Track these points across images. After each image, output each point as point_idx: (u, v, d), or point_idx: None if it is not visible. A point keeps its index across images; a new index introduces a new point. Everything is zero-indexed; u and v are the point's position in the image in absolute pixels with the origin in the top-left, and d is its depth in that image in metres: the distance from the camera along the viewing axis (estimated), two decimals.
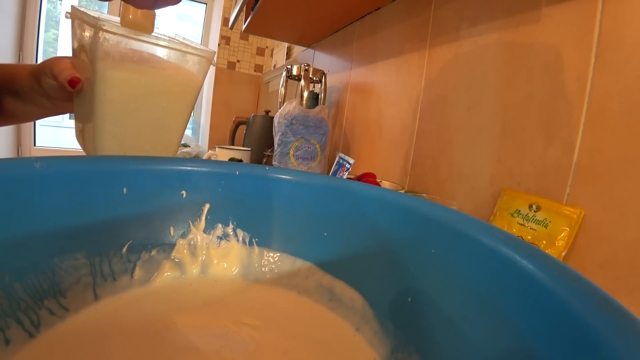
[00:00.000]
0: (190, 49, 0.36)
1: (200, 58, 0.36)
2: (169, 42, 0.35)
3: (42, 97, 0.39)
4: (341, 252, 0.28)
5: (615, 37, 0.36)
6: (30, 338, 0.19)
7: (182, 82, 0.37)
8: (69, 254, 0.23)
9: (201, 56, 0.36)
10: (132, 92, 0.34)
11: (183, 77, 0.37)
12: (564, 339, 0.12)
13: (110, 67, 0.32)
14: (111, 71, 0.32)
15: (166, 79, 0.36)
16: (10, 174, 0.20)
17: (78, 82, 0.33)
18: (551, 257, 0.16)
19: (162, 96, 0.36)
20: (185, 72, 0.37)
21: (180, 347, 0.21)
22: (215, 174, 0.30)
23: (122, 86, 0.33)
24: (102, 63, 0.32)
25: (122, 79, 0.33)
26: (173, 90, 0.37)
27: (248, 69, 2.04)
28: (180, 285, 0.28)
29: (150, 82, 0.35)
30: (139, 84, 0.34)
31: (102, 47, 0.31)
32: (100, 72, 0.32)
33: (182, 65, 0.36)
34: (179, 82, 0.37)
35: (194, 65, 0.37)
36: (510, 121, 0.47)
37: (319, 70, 0.91)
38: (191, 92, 0.38)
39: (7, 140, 1.76)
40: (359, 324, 0.25)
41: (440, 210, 0.23)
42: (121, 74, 0.33)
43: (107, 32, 0.30)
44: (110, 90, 0.33)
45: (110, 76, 0.32)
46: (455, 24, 0.58)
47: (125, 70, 0.33)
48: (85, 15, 0.31)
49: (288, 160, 0.78)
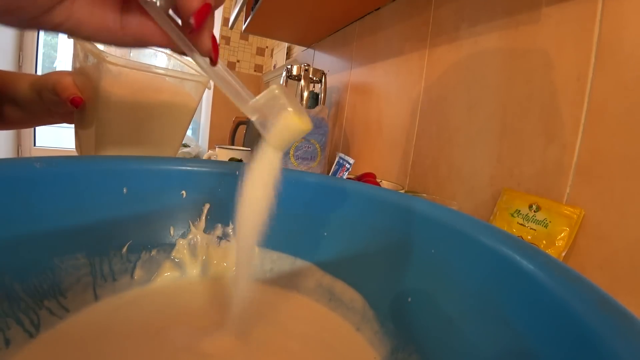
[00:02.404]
0: (187, 75, 0.37)
1: (196, 83, 0.38)
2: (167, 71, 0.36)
3: (41, 108, 0.40)
4: (341, 252, 0.28)
5: (615, 37, 0.36)
6: (30, 338, 0.19)
7: (178, 105, 0.39)
8: (69, 254, 0.23)
9: (197, 82, 0.38)
10: (132, 115, 0.36)
11: (179, 100, 0.38)
12: (564, 338, 0.12)
13: (112, 93, 0.33)
14: (113, 97, 0.34)
15: (164, 103, 0.37)
16: (10, 174, 0.20)
17: (80, 102, 0.34)
18: (551, 257, 0.16)
19: (159, 119, 0.38)
20: (182, 96, 0.38)
21: (180, 347, 0.21)
22: (215, 174, 0.30)
23: (122, 110, 0.35)
24: (104, 89, 0.33)
25: (123, 103, 0.34)
26: (170, 113, 0.38)
27: (248, 69, 2.04)
28: (180, 285, 0.28)
29: (149, 106, 0.36)
30: (139, 108, 0.36)
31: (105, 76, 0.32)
32: (102, 96, 0.33)
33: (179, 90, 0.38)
34: (176, 105, 0.38)
35: (190, 90, 0.38)
36: (510, 121, 0.47)
37: (319, 70, 0.91)
38: (187, 114, 0.40)
39: (7, 140, 1.76)
40: (359, 324, 0.25)
41: (440, 210, 0.23)
42: (122, 99, 0.34)
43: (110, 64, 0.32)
44: (111, 113, 0.34)
45: (112, 101, 0.34)
46: (455, 24, 0.58)
47: (126, 96, 0.34)
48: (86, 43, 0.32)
49: (288, 160, 0.78)
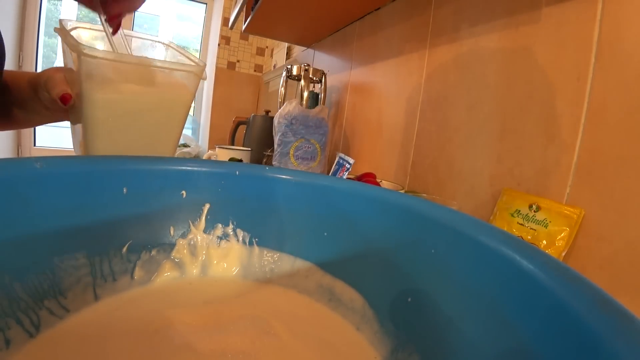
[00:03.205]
0: (177, 65, 0.36)
1: (188, 74, 0.37)
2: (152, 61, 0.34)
3: (40, 106, 0.40)
4: (341, 252, 0.28)
5: (615, 37, 0.36)
6: (30, 338, 0.19)
7: (170, 98, 0.37)
8: (69, 254, 0.23)
9: (190, 72, 0.36)
10: (119, 111, 0.34)
11: (171, 93, 0.37)
12: (564, 338, 0.12)
13: (95, 89, 0.32)
14: (96, 93, 0.32)
15: (153, 97, 0.36)
16: (10, 174, 0.20)
17: (69, 99, 0.34)
18: (551, 257, 0.16)
19: (151, 113, 0.36)
20: (174, 88, 0.37)
21: (179, 346, 0.21)
22: (215, 174, 0.30)
23: (108, 107, 0.34)
24: (86, 85, 0.32)
25: (107, 99, 0.33)
26: (162, 107, 0.37)
27: (248, 69, 2.04)
28: (180, 285, 0.28)
29: (137, 101, 0.35)
30: (126, 103, 0.35)
31: (85, 70, 0.31)
32: (86, 94, 0.32)
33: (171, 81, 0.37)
34: (167, 98, 0.37)
35: (182, 80, 0.37)
36: (510, 121, 0.47)
37: (319, 70, 0.91)
38: (181, 106, 0.38)
39: (7, 140, 1.76)
40: (359, 324, 0.25)
41: (440, 210, 0.23)
42: (106, 96, 0.33)
43: (88, 56, 0.30)
44: (97, 111, 0.33)
45: (95, 98, 0.32)
46: (455, 24, 0.58)
47: (110, 92, 0.33)
48: (68, 36, 0.31)
49: (288, 160, 0.78)
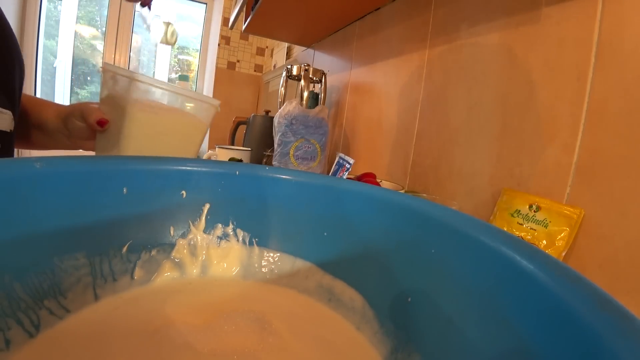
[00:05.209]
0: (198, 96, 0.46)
1: (208, 105, 0.46)
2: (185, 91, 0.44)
3: (63, 136, 0.48)
4: (341, 252, 0.28)
5: (615, 37, 0.36)
6: (30, 338, 0.19)
7: (190, 124, 0.46)
8: (69, 254, 0.23)
9: (209, 104, 0.46)
10: (151, 130, 0.44)
11: (192, 120, 0.46)
12: (564, 338, 0.12)
13: (139, 109, 0.42)
14: (139, 113, 0.42)
15: (178, 121, 0.45)
16: (10, 174, 0.20)
17: (106, 123, 0.42)
18: (551, 257, 0.16)
19: (173, 135, 0.45)
20: (194, 117, 0.46)
21: (179, 346, 0.21)
22: (215, 174, 0.30)
23: (144, 125, 0.43)
24: (132, 105, 0.41)
25: (146, 118, 0.43)
26: (183, 131, 0.46)
27: (248, 69, 2.04)
28: (180, 285, 0.28)
29: (165, 123, 0.44)
30: (158, 124, 0.44)
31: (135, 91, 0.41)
32: (130, 112, 0.42)
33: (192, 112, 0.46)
34: (188, 124, 0.46)
35: (201, 112, 0.46)
36: (510, 121, 0.47)
37: (319, 70, 0.91)
38: (198, 133, 0.47)
39: None
40: (359, 324, 0.25)
41: (440, 210, 0.22)
42: (145, 115, 0.43)
43: (139, 82, 0.41)
44: (135, 127, 0.43)
45: (137, 116, 0.42)
46: (455, 24, 0.58)
47: (148, 113, 0.43)
48: (119, 69, 0.40)
49: (288, 160, 0.78)
